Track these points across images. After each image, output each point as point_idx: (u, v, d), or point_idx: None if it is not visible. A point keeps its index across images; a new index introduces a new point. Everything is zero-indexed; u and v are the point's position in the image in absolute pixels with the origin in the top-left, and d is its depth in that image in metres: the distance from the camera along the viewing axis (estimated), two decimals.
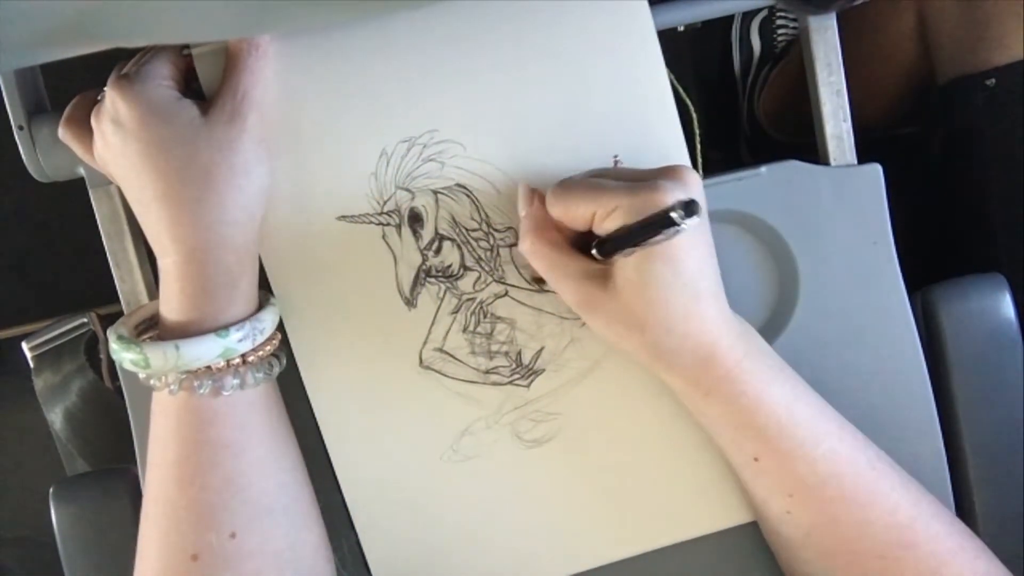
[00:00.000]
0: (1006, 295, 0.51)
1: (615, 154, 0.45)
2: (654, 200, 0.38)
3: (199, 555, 0.41)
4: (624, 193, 0.39)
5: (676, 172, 0.41)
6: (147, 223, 0.42)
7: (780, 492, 0.44)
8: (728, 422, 0.43)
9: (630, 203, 0.39)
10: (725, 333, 0.41)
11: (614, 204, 0.39)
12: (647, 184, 0.39)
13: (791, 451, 0.42)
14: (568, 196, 0.41)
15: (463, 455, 0.48)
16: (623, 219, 0.39)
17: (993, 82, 0.61)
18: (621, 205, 0.39)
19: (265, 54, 0.43)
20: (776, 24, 0.87)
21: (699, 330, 0.41)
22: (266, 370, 0.43)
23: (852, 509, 0.43)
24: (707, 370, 0.42)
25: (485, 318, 0.47)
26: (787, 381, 0.43)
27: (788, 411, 0.42)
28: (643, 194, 0.39)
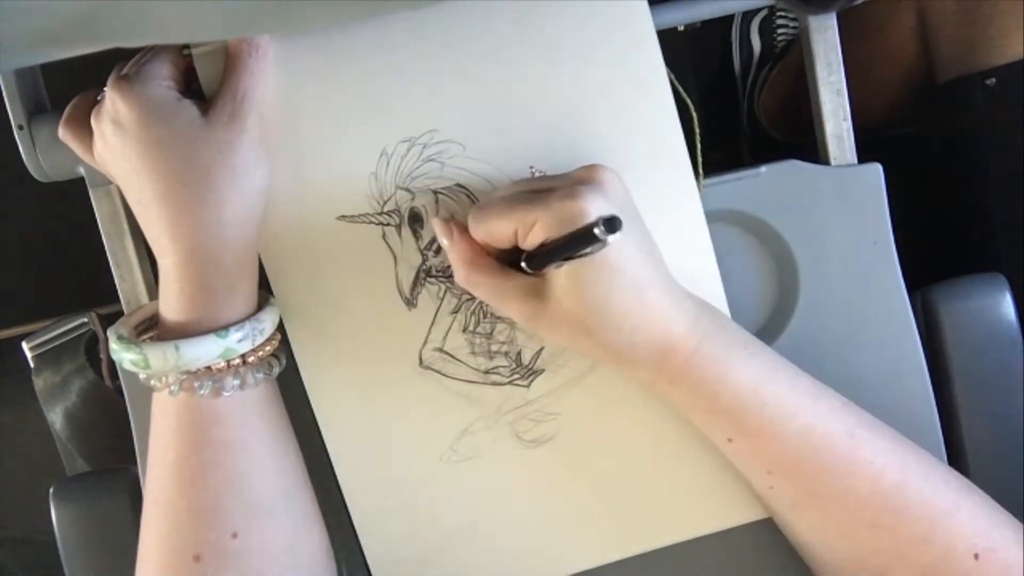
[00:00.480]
0: (1006, 295, 0.51)
1: (531, 165, 0.45)
2: (571, 210, 0.38)
3: (201, 555, 0.41)
4: (540, 206, 0.38)
5: (592, 174, 0.40)
6: (147, 223, 0.42)
7: (759, 470, 0.44)
8: (696, 408, 0.43)
9: (548, 216, 0.38)
10: (678, 320, 0.41)
11: (532, 219, 0.39)
12: (563, 193, 0.38)
13: (761, 430, 0.42)
14: (487, 218, 0.41)
15: (463, 455, 0.48)
16: (544, 233, 0.39)
17: (993, 82, 0.61)
18: (539, 219, 0.38)
19: (265, 55, 0.43)
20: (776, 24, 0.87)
21: (648, 323, 0.40)
22: (266, 370, 0.43)
23: (832, 481, 0.42)
24: (666, 360, 0.41)
25: (485, 318, 0.47)
26: (752, 359, 0.43)
27: (754, 391, 0.42)
28: (559, 204, 0.38)
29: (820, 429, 0.42)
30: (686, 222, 0.47)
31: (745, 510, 0.49)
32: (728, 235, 0.50)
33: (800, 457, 0.42)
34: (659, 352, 0.41)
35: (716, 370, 0.42)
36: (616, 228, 0.35)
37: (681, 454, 0.48)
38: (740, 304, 0.47)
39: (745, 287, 0.50)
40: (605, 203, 0.38)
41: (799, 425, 0.42)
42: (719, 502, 0.48)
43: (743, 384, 0.42)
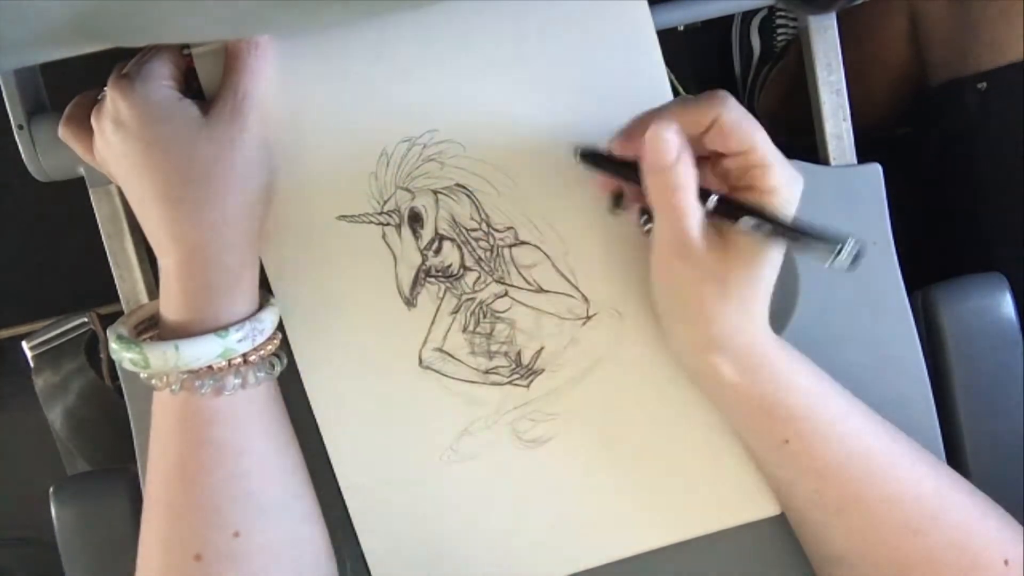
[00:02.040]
0: (1006, 295, 0.51)
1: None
2: (797, 182, 0.40)
3: (202, 555, 0.41)
4: (780, 155, 0.39)
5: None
6: (147, 223, 0.42)
7: (809, 473, 0.44)
8: (760, 405, 0.43)
9: (781, 170, 0.39)
10: (766, 321, 0.42)
11: (771, 158, 0.39)
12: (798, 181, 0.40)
13: (818, 431, 0.43)
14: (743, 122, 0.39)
15: (462, 455, 0.48)
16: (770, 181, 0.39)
17: (985, 85, 0.61)
18: (775, 164, 0.39)
19: (265, 54, 0.43)
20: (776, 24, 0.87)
21: (760, 313, 0.42)
22: (267, 370, 0.43)
23: (878, 484, 0.43)
24: (750, 351, 0.42)
25: (485, 318, 0.47)
26: (808, 364, 0.44)
27: (817, 393, 0.43)
28: (791, 171, 0.40)
29: (869, 433, 0.44)
30: None
31: (744, 510, 0.49)
32: None
33: (850, 459, 0.43)
34: (746, 343, 0.42)
35: (787, 370, 0.43)
36: (859, 260, 0.37)
37: (680, 454, 0.48)
38: None
39: None
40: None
41: (851, 427, 0.43)
42: (718, 502, 0.48)
43: (808, 384, 0.43)
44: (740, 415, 0.45)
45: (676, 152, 0.38)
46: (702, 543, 0.49)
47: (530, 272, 0.47)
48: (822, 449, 0.43)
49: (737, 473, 0.48)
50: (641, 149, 0.39)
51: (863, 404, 0.45)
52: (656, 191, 0.40)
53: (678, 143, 0.39)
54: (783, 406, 0.43)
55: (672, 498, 0.48)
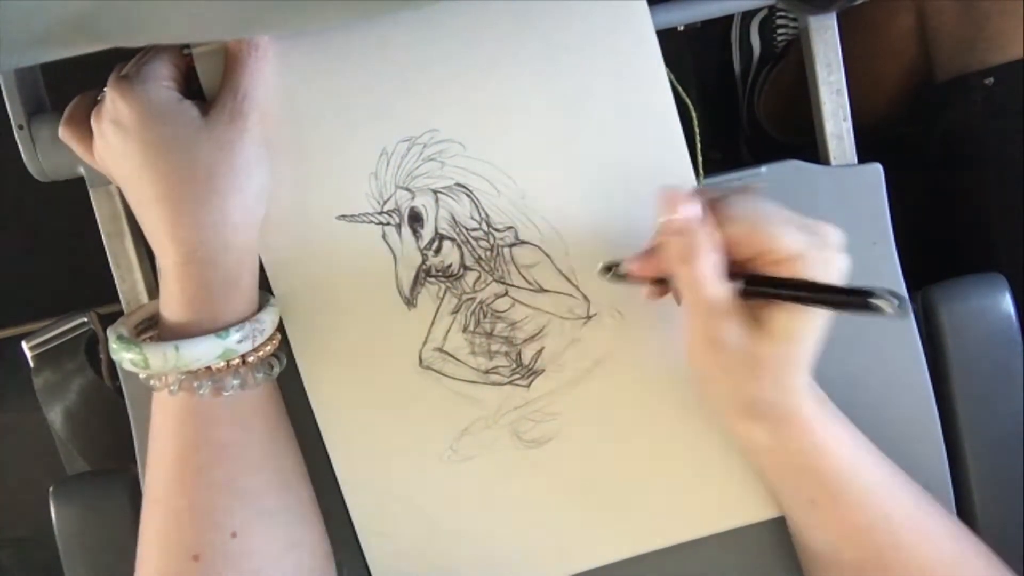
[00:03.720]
0: (1006, 295, 0.51)
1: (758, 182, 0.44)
2: (835, 261, 0.39)
3: (200, 555, 0.41)
4: (810, 244, 0.38)
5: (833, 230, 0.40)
6: (147, 223, 0.42)
7: (833, 533, 0.44)
8: (791, 465, 0.44)
9: (812, 258, 0.38)
10: (808, 385, 0.42)
11: (797, 249, 0.38)
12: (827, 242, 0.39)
13: (847, 495, 0.43)
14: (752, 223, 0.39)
15: (463, 455, 0.48)
16: (803, 271, 0.38)
17: (991, 81, 0.61)
18: (803, 255, 0.38)
19: (265, 54, 0.43)
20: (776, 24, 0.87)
21: (798, 386, 0.41)
22: (266, 370, 0.43)
23: (901, 551, 0.43)
24: (786, 420, 0.42)
25: (485, 318, 0.47)
26: (846, 426, 0.44)
27: (849, 457, 0.43)
28: (826, 252, 0.39)
29: (896, 500, 0.44)
30: None
31: (744, 512, 0.49)
32: None
33: (873, 524, 0.43)
34: (786, 413, 0.42)
35: (822, 433, 0.43)
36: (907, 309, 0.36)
37: (680, 455, 0.48)
38: None
39: None
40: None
41: (880, 496, 0.43)
42: (718, 503, 0.48)
43: (841, 449, 0.43)
44: (770, 471, 0.46)
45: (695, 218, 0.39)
46: (702, 544, 0.49)
47: (530, 272, 0.47)
48: (848, 514, 0.43)
49: (737, 475, 0.48)
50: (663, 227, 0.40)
51: (893, 467, 0.45)
52: (683, 283, 0.40)
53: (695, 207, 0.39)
54: (814, 470, 0.43)
55: (672, 499, 0.48)
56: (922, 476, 0.46)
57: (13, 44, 0.34)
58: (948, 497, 0.50)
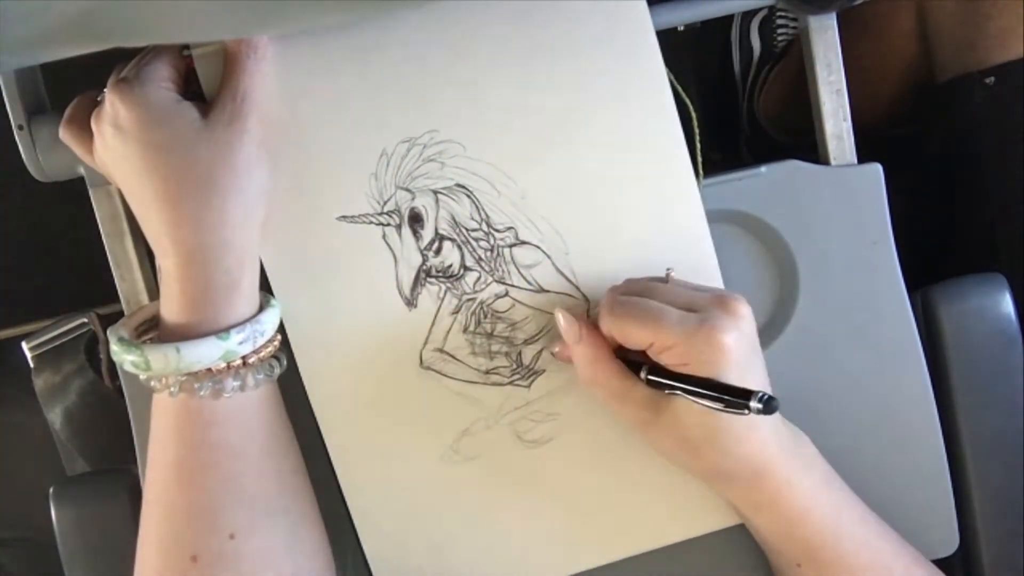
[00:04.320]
0: (1006, 295, 0.51)
1: (668, 268, 0.45)
2: (712, 343, 0.40)
3: (199, 556, 0.41)
4: (681, 332, 0.40)
5: (731, 306, 0.41)
6: (147, 225, 0.42)
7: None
8: (775, 532, 0.45)
9: (688, 344, 0.40)
10: (778, 453, 0.43)
11: (671, 341, 0.40)
12: (704, 325, 0.40)
13: (833, 561, 0.44)
14: (624, 321, 0.42)
15: (463, 455, 0.48)
16: (680, 359, 0.41)
17: (992, 80, 0.61)
18: (678, 344, 0.40)
19: (264, 55, 0.43)
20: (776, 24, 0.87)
21: (753, 454, 0.42)
22: (267, 372, 0.43)
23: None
24: (758, 488, 0.43)
25: (486, 318, 0.47)
26: (834, 491, 0.45)
27: (833, 523, 0.44)
28: (700, 336, 0.40)
29: (882, 563, 0.44)
30: (687, 222, 0.47)
31: None
32: (728, 235, 0.50)
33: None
34: (753, 478, 0.43)
35: (802, 503, 0.43)
36: (773, 409, 0.38)
37: None
38: None
39: (745, 287, 0.50)
40: (740, 339, 0.40)
41: (866, 559, 0.44)
42: (720, 502, 0.48)
43: (825, 515, 0.44)
44: (755, 533, 0.47)
45: (574, 334, 0.43)
46: (703, 543, 0.49)
47: (531, 272, 0.47)
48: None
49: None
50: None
51: (879, 524, 0.45)
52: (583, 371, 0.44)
53: (575, 327, 0.43)
54: (796, 536, 0.44)
55: (674, 498, 0.48)
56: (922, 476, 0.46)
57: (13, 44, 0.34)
58: (948, 497, 0.50)
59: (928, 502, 0.50)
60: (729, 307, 0.41)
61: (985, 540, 0.46)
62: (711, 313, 0.41)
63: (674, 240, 0.46)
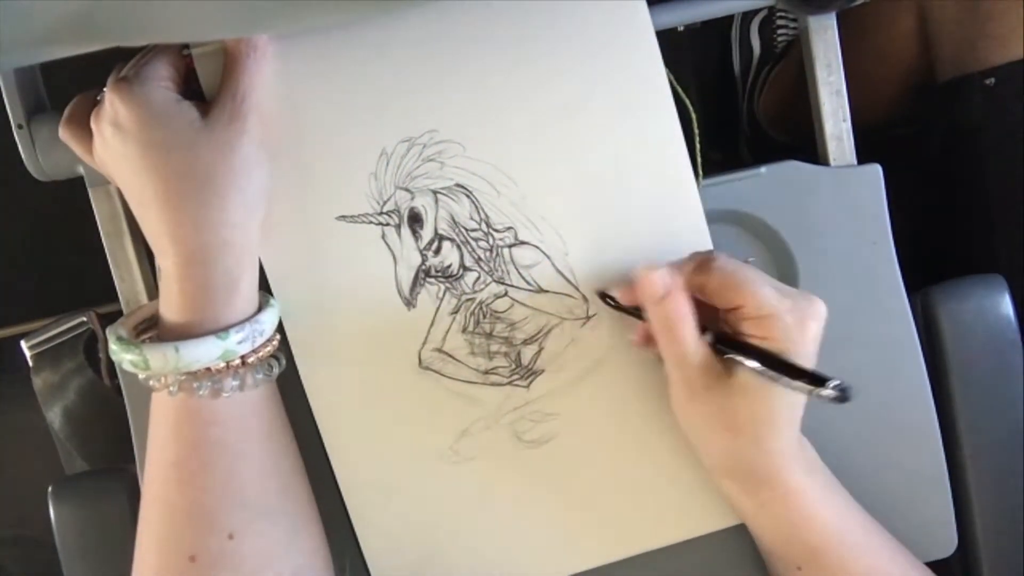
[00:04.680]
0: (1006, 295, 0.52)
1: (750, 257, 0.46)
2: (805, 326, 0.40)
3: (197, 556, 0.41)
4: (778, 305, 0.40)
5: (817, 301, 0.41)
6: (147, 225, 0.42)
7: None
8: (778, 533, 0.45)
9: (783, 318, 0.40)
10: (794, 453, 0.43)
11: (768, 311, 0.40)
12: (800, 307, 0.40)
13: (833, 565, 0.44)
14: (724, 276, 0.41)
15: (463, 456, 0.48)
16: (764, 331, 0.40)
17: (992, 81, 0.61)
18: (771, 315, 0.40)
19: (264, 55, 0.43)
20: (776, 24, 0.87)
21: (778, 449, 0.43)
22: (266, 371, 0.43)
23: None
24: (770, 485, 0.43)
25: (485, 318, 0.47)
26: (837, 496, 0.45)
27: (836, 528, 0.44)
28: (796, 316, 0.40)
29: (880, 569, 0.45)
30: (687, 223, 0.47)
31: None
32: (728, 235, 0.50)
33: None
34: (766, 475, 0.43)
35: (808, 506, 0.44)
36: (847, 398, 0.38)
37: (681, 454, 0.48)
38: None
39: None
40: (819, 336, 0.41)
41: (864, 565, 0.44)
42: (718, 502, 0.48)
43: (828, 519, 0.44)
44: (757, 534, 0.47)
45: (663, 288, 0.42)
46: (703, 543, 0.49)
47: (530, 272, 0.47)
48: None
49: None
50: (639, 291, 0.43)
51: (883, 533, 0.46)
52: (656, 328, 0.43)
53: (667, 281, 0.42)
54: (799, 539, 0.44)
55: (673, 499, 0.48)
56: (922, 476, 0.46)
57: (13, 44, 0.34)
58: (947, 497, 0.50)
59: (927, 503, 0.50)
60: (817, 302, 0.41)
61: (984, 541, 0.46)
62: (802, 301, 0.41)
63: (674, 240, 0.46)
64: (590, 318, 0.47)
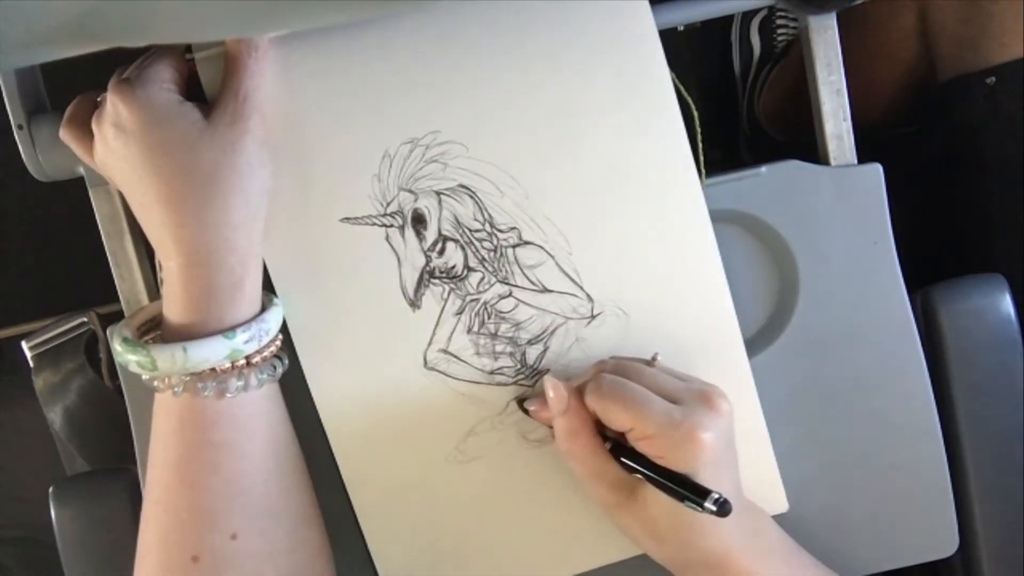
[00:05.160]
0: (1006, 295, 0.52)
1: (655, 352, 0.46)
2: (692, 439, 0.40)
3: (200, 556, 0.41)
4: (663, 424, 0.41)
5: (712, 401, 0.42)
6: (149, 226, 0.42)
7: None
8: None
9: (667, 437, 0.41)
10: (738, 539, 0.43)
11: (652, 431, 0.41)
12: (685, 421, 0.41)
13: None
14: (609, 402, 0.42)
15: (468, 456, 0.48)
16: (656, 450, 0.41)
17: (993, 80, 0.61)
18: (658, 435, 0.41)
19: (265, 56, 0.43)
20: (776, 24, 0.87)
21: (715, 545, 0.43)
22: (269, 371, 0.43)
23: None
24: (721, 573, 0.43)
25: (489, 319, 0.47)
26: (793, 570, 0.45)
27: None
28: (681, 432, 0.40)
29: None
30: (691, 222, 0.47)
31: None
32: (728, 235, 0.50)
33: None
34: (713, 567, 0.43)
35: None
36: (726, 512, 0.39)
37: None
38: (740, 304, 0.47)
39: (745, 287, 0.50)
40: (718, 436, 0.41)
41: None
42: None
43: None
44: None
45: (563, 404, 0.43)
46: None
47: (534, 272, 0.47)
48: None
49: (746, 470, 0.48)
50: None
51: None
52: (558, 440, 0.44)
53: (564, 396, 0.43)
54: None
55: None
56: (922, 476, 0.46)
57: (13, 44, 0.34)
58: (948, 497, 0.50)
59: (928, 502, 0.50)
60: (712, 403, 0.42)
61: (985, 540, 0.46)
62: (694, 409, 0.41)
63: (677, 239, 0.46)
64: (595, 317, 0.47)
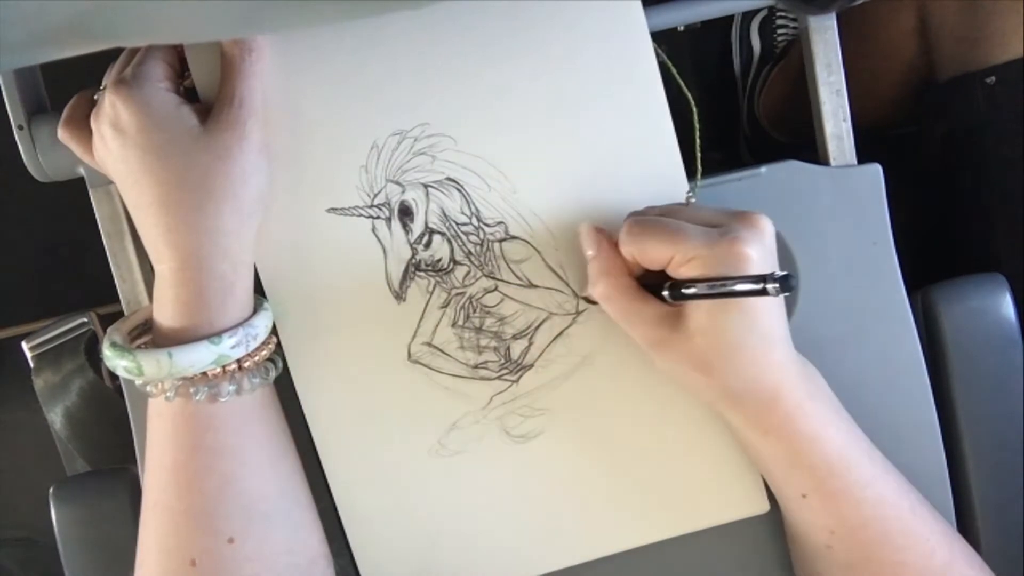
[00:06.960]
0: (1006, 295, 0.51)
1: (688, 191, 0.45)
2: (733, 253, 0.39)
3: (197, 560, 0.41)
4: (703, 243, 0.39)
5: (753, 220, 0.41)
6: (143, 228, 0.42)
7: (823, 528, 0.44)
8: (782, 459, 0.43)
9: (710, 255, 0.39)
10: (790, 376, 0.42)
11: (692, 253, 0.40)
12: (726, 236, 0.39)
13: (839, 491, 0.43)
14: (644, 237, 0.41)
15: (451, 450, 0.48)
16: (701, 269, 0.40)
17: (993, 80, 0.61)
18: (700, 255, 0.39)
19: (261, 57, 0.43)
20: (776, 24, 0.87)
21: (766, 375, 0.41)
22: (262, 375, 0.43)
23: (890, 551, 0.43)
24: (769, 411, 0.42)
25: (475, 313, 0.47)
26: (842, 423, 0.44)
27: (840, 453, 0.43)
28: (724, 247, 0.39)
29: (889, 500, 0.44)
30: None
31: (734, 508, 0.48)
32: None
33: (866, 523, 0.43)
34: (765, 402, 0.42)
35: (811, 428, 0.42)
36: (790, 287, 0.36)
37: (670, 450, 0.48)
38: None
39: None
40: (763, 252, 0.40)
41: (873, 494, 0.43)
42: (707, 499, 0.48)
43: (833, 445, 0.43)
44: (761, 463, 0.46)
45: (595, 244, 0.43)
46: (691, 540, 0.49)
47: (520, 267, 0.46)
48: (840, 509, 0.43)
49: (726, 470, 0.48)
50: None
51: (885, 463, 0.45)
52: (590, 282, 0.44)
53: (595, 236, 0.43)
54: (804, 464, 0.43)
55: (661, 494, 0.48)
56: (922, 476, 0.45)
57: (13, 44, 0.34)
58: (947, 497, 0.50)
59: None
60: (751, 221, 0.40)
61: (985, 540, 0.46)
62: (733, 227, 0.40)
63: None
64: (580, 313, 0.47)
